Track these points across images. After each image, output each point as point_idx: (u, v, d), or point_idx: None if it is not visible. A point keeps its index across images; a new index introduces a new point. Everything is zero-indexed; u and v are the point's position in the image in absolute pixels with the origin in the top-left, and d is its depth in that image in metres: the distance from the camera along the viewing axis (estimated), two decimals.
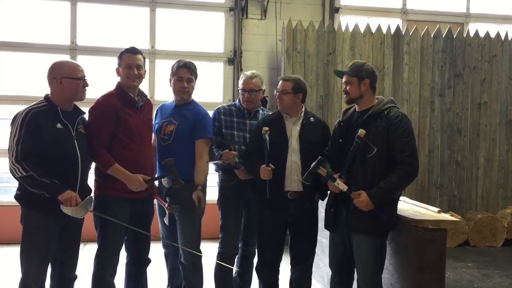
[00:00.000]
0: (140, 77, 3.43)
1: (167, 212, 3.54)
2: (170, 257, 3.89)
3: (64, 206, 2.94)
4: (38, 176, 2.89)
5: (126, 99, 3.38)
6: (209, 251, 3.83)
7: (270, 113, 3.97)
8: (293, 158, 3.49)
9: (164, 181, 3.52)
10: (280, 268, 3.71)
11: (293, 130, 3.54)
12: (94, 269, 3.36)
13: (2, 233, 5.83)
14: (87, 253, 3.64)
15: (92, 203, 3.17)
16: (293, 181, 3.48)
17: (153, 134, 3.69)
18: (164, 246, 3.89)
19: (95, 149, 3.25)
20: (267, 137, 3.42)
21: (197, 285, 3.70)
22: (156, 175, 3.64)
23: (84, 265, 3.41)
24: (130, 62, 3.38)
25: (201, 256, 3.67)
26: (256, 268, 3.73)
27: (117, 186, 3.27)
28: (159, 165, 3.66)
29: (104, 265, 3.34)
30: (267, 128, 3.43)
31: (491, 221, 6.26)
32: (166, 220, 3.61)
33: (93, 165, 3.38)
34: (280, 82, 3.61)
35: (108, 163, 3.25)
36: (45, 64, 3.18)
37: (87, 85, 3.16)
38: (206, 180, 3.64)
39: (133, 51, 3.42)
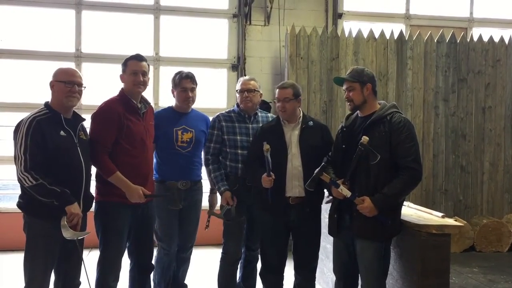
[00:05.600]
0: (145, 84, 3.48)
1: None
2: (166, 258, 3.89)
3: (63, 224, 2.92)
4: (48, 185, 2.90)
5: (129, 106, 3.40)
6: (213, 257, 3.85)
7: (270, 116, 4.00)
8: (294, 163, 3.49)
9: (182, 183, 3.78)
10: (285, 274, 3.72)
11: (292, 136, 3.54)
12: (97, 275, 3.37)
13: (7, 240, 5.85)
14: (92, 260, 3.65)
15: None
16: (295, 187, 3.48)
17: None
18: (161, 250, 3.90)
19: (97, 155, 3.26)
20: (268, 155, 3.39)
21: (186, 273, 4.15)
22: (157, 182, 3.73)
23: (88, 272, 3.41)
24: (136, 68, 3.41)
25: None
26: (260, 273, 3.74)
27: (118, 192, 3.29)
28: (171, 171, 3.78)
29: (106, 271, 3.36)
30: (268, 147, 3.39)
31: (496, 226, 6.23)
32: (176, 204, 3.75)
33: (94, 171, 3.37)
34: (278, 90, 3.58)
35: (110, 171, 3.27)
36: (50, 72, 3.19)
37: (75, 92, 3.08)
38: None
39: (138, 58, 3.46)
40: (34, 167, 2.91)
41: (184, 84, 3.82)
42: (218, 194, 3.99)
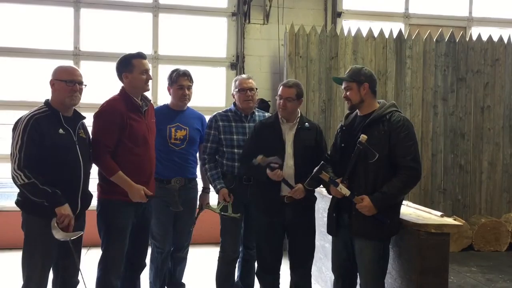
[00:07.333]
0: None
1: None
2: (160, 257, 3.89)
3: (53, 226, 2.89)
4: (40, 184, 2.88)
5: (131, 104, 3.38)
6: (210, 256, 3.84)
7: (267, 114, 4.00)
8: (288, 163, 3.50)
9: (176, 180, 3.80)
10: (281, 272, 3.71)
11: (289, 135, 3.55)
12: (99, 273, 3.35)
13: (5, 238, 5.83)
14: (90, 258, 3.64)
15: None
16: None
17: None
18: (155, 249, 3.91)
19: (100, 154, 3.25)
20: (266, 160, 3.40)
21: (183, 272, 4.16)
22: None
23: (87, 270, 3.40)
24: (146, 67, 3.41)
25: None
26: (256, 273, 3.74)
27: (120, 190, 3.27)
28: (165, 168, 3.78)
29: (109, 269, 3.34)
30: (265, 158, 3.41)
31: (495, 225, 6.23)
32: (177, 207, 3.76)
33: (96, 169, 3.36)
34: (282, 88, 3.58)
35: (112, 170, 3.25)
36: (48, 70, 3.18)
37: (76, 90, 3.08)
38: None
39: (144, 56, 3.44)
40: (27, 166, 2.89)
41: (181, 82, 3.84)
42: (209, 194, 4.03)
